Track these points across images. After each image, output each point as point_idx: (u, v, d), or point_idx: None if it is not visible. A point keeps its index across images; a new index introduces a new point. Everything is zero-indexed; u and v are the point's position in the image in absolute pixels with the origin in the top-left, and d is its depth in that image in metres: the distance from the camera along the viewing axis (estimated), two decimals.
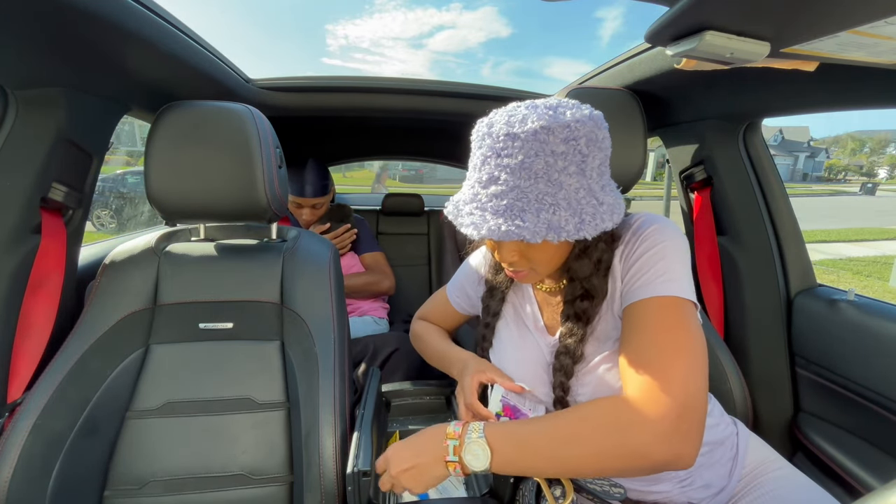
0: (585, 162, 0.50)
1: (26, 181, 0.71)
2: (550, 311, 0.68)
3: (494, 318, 0.73)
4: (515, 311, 0.72)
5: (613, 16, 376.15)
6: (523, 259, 0.57)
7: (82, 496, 0.69)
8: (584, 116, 0.50)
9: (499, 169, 0.50)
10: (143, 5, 0.63)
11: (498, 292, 0.73)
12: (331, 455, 0.69)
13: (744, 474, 0.64)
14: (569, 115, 0.49)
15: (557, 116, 0.49)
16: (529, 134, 0.48)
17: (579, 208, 0.50)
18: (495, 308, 0.73)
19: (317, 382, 0.74)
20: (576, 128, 0.49)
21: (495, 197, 0.50)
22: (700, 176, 1.06)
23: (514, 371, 0.68)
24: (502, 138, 0.50)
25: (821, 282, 1.00)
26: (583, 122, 0.50)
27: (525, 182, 0.49)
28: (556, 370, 0.61)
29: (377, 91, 1.26)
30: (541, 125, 0.48)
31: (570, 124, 0.49)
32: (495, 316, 0.73)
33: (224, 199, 0.78)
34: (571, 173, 0.50)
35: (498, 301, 0.73)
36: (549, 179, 0.49)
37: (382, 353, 1.33)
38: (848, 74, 0.63)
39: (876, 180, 45.04)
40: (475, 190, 0.53)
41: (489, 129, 0.52)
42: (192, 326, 0.79)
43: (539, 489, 0.59)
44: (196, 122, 0.76)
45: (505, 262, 0.59)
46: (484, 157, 0.52)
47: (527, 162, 0.48)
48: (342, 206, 1.67)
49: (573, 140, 0.49)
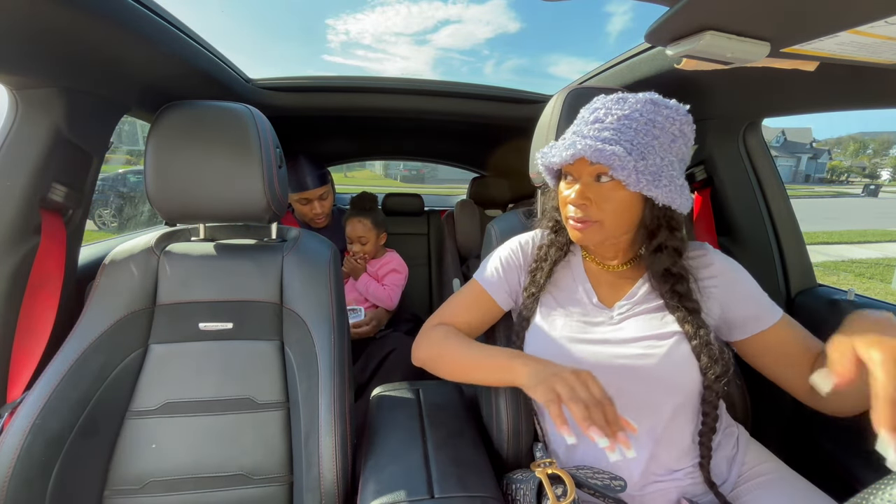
0: (674, 143, 0.58)
1: (26, 181, 0.71)
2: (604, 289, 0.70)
3: (540, 290, 0.72)
4: (562, 288, 0.72)
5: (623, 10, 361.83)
6: (594, 205, 0.60)
7: (82, 496, 0.69)
8: (683, 109, 0.59)
9: (606, 115, 0.58)
10: (143, 5, 0.64)
11: (547, 264, 0.72)
12: (330, 455, 0.69)
13: (743, 471, 0.66)
14: (672, 101, 0.59)
15: (663, 99, 0.59)
16: (640, 99, 0.58)
17: (661, 170, 0.56)
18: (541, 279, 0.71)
19: (316, 382, 0.74)
20: (675, 111, 0.58)
21: (597, 130, 0.58)
22: (700, 176, 1.06)
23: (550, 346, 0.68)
24: (615, 98, 0.60)
25: (821, 283, 1.00)
26: (681, 112, 0.58)
27: (626, 128, 0.57)
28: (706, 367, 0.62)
29: (378, 91, 1.26)
30: (649, 98, 0.58)
31: (672, 106, 0.58)
32: (541, 289, 0.72)
33: (224, 199, 0.78)
34: (663, 143, 0.57)
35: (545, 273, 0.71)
36: (645, 135, 0.56)
37: (379, 354, 1.33)
38: (848, 74, 0.63)
39: (879, 182, 44.94)
40: (577, 127, 0.61)
41: (602, 97, 0.61)
42: (192, 326, 0.79)
43: (540, 487, 0.59)
44: (196, 122, 0.76)
45: (577, 201, 0.61)
46: (594, 109, 0.61)
47: (632, 115, 0.57)
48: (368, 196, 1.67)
49: (671, 119, 0.57)
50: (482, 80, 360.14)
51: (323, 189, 1.53)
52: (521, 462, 0.73)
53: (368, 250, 1.56)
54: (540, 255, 0.73)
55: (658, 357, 0.62)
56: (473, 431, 0.77)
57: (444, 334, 0.73)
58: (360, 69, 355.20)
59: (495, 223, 0.91)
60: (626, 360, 0.63)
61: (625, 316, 0.66)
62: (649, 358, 0.62)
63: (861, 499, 0.30)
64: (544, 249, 0.73)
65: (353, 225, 1.53)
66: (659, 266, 0.64)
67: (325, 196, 1.55)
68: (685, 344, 0.62)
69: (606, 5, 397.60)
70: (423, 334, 0.77)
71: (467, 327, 0.76)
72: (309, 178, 1.49)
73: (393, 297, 1.53)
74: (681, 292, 0.63)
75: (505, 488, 0.68)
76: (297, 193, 1.50)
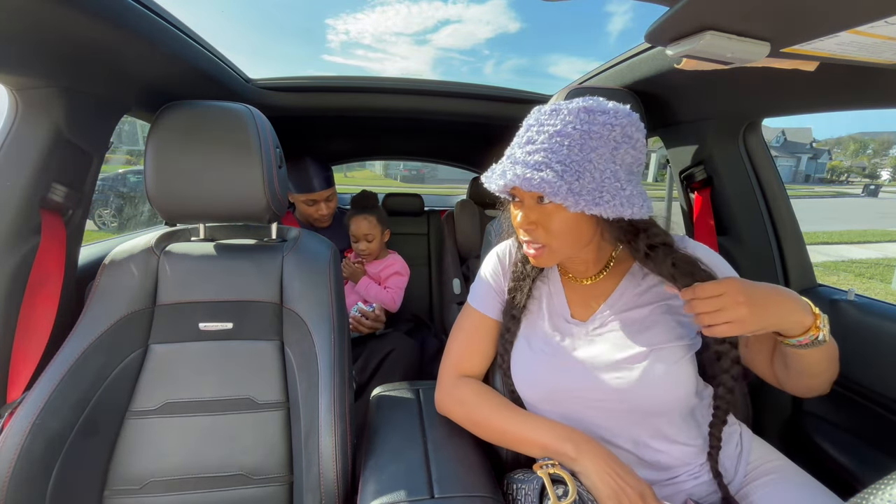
0: (617, 151, 0.55)
1: (26, 181, 0.71)
2: (580, 302, 0.69)
3: (521, 312, 0.70)
4: (540, 304, 0.71)
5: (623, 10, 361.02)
6: (540, 228, 0.59)
7: (81, 496, 0.69)
8: (624, 111, 0.56)
9: (538, 133, 0.56)
10: (143, 5, 0.64)
11: (525, 284, 0.70)
12: (330, 455, 0.69)
13: (749, 470, 0.66)
14: (611, 105, 0.56)
15: (601, 103, 0.55)
16: (572, 110, 0.55)
17: (601, 185, 0.53)
18: (521, 300, 0.70)
19: (316, 382, 0.74)
20: (614, 116, 0.54)
21: (528, 153, 0.56)
22: (700, 176, 1.06)
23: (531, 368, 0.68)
24: (548, 112, 0.57)
25: (821, 283, 1.00)
26: (622, 114, 0.55)
27: (558, 146, 0.54)
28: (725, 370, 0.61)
29: (378, 91, 1.26)
30: (584, 105, 0.55)
31: (609, 111, 0.55)
32: (522, 309, 0.70)
33: (224, 200, 0.78)
34: (601, 154, 0.54)
35: (525, 293, 0.70)
36: (580, 149, 0.53)
37: (379, 354, 1.33)
38: (848, 74, 0.63)
39: (879, 182, 44.92)
40: (512, 150, 0.59)
41: (538, 110, 0.59)
42: (192, 326, 0.79)
43: (542, 488, 0.59)
44: (196, 122, 0.76)
45: (523, 227, 0.60)
46: (528, 126, 0.58)
47: (564, 130, 0.54)
48: (369, 194, 1.68)
49: (609, 125, 0.54)
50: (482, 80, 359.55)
51: (329, 191, 1.53)
52: (520, 462, 0.73)
53: (374, 248, 1.55)
54: (517, 274, 0.72)
55: (632, 381, 0.60)
56: None
57: (473, 395, 0.70)
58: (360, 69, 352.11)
59: (495, 223, 0.91)
60: (600, 384, 0.62)
61: (600, 329, 0.66)
62: (623, 382, 0.61)
63: (861, 499, 0.30)
64: (520, 267, 0.72)
65: (357, 223, 1.53)
66: (663, 266, 0.60)
67: (331, 198, 1.55)
68: (659, 364, 0.60)
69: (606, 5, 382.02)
70: (447, 388, 0.73)
71: (484, 360, 0.74)
72: (316, 179, 1.49)
73: (396, 299, 1.53)
74: (702, 278, 0.58)
75: (505, 488, 0.68)
76: (304, 195, 1.50)
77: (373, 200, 1.64)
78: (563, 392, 0.65)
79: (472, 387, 0.71)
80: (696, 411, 0.67)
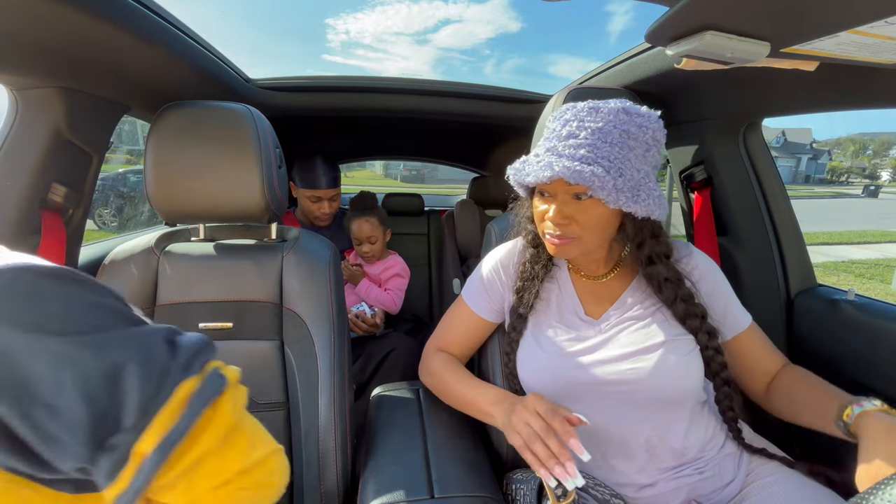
0: (648, 152, 0.58)
1: (26, 181, 0.71)
2: (592, 300, 0.70)
3: (528, 310, 0.71)
4: (550, 304, 0.71)
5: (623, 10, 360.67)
6: (574, 223, 0.59)
7: None
8: (654, 115, 0.58)
9: (580, 129, 0.56)
10: (144, 5, 0.64)
11: (534, 284, 0.70)
12: (330, 455, 0.69)
13: (749, 469, 0.67)
14: (644, 109, 0.58)
15: (635, 106, 0.57)
16: (612, 109, 0.56)
17: (638, 184, 0.55)
18: (529, 299, 0.70)
19: (316, 382, 0.74)
20: (647, 119, 0.57)
21: (572, 147, 0.56)
22: (700, 176, 1.06)
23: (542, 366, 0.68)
24: (587, 109, 0.57)
25: (822, 283, 1.00)
26: (653, 119, 0.58)
27: (601, 143, 0.55)
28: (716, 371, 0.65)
29: (378, 91, 1.26)
30: (622, 106, 0.56)
31: (643, 114, 0.57)
32: (530, 308, 0.70)
33: (223, 200, 0.78)
34: (637, 155, 0.56)
35: (533, 293, 0.70)
36: (621, 148, 0.55)
37: (379, 354, 1.33)
38: (848, 74, 0.63)
39: (879, 182, 44.92)
40: (551, 143, 0.58)
41: (573, 106, 0.59)
42: (192, 326, 0.79)
43: (541, 487, 0.59)
44: (196, 123, 0.76)
45: (556, 220, 0.60)
46: (566, 121, 0.58)
47: (606, 128, 0.55)
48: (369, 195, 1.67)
49: (644, 127, 0.56)
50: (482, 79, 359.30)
51: (335, 191, 1.53)
52: (520, 462, 0.73)
53: (378, 249, 1.55)
54: (525, 274, 0.71)
55: (647, 371, 0.62)
56: (473, 431, 0.77)
57: (441, 366, 0.77)
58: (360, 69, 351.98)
59: (495, 223, 0.91)
60: (616, 374, 0.63)
61: (613, 327, 0.66)
62: (638, 371, 0.62)
63: (861, 499, 0.30)
64: (528, 267, 0.71)
65: (360, 225, 1.52)
66: (659, 277, 0.64)
67: (335, 198, 1.55)
68: (672, 355, 0.62)
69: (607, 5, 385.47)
70: (425, 360, 0.81)
71: (464, 348, 0.81)
72: (324, 178, 1.49)
73: (397, 300, 1.53)
74: (684, 297, 0.63)
75: (505, 488, 0.68)
76: (309, 190, 1.50)
77: (372, 201, 1.63)
78: (576, 386, 0.65)
79: (441, 358, 0.78)
80: (704, 406, 0.68)
